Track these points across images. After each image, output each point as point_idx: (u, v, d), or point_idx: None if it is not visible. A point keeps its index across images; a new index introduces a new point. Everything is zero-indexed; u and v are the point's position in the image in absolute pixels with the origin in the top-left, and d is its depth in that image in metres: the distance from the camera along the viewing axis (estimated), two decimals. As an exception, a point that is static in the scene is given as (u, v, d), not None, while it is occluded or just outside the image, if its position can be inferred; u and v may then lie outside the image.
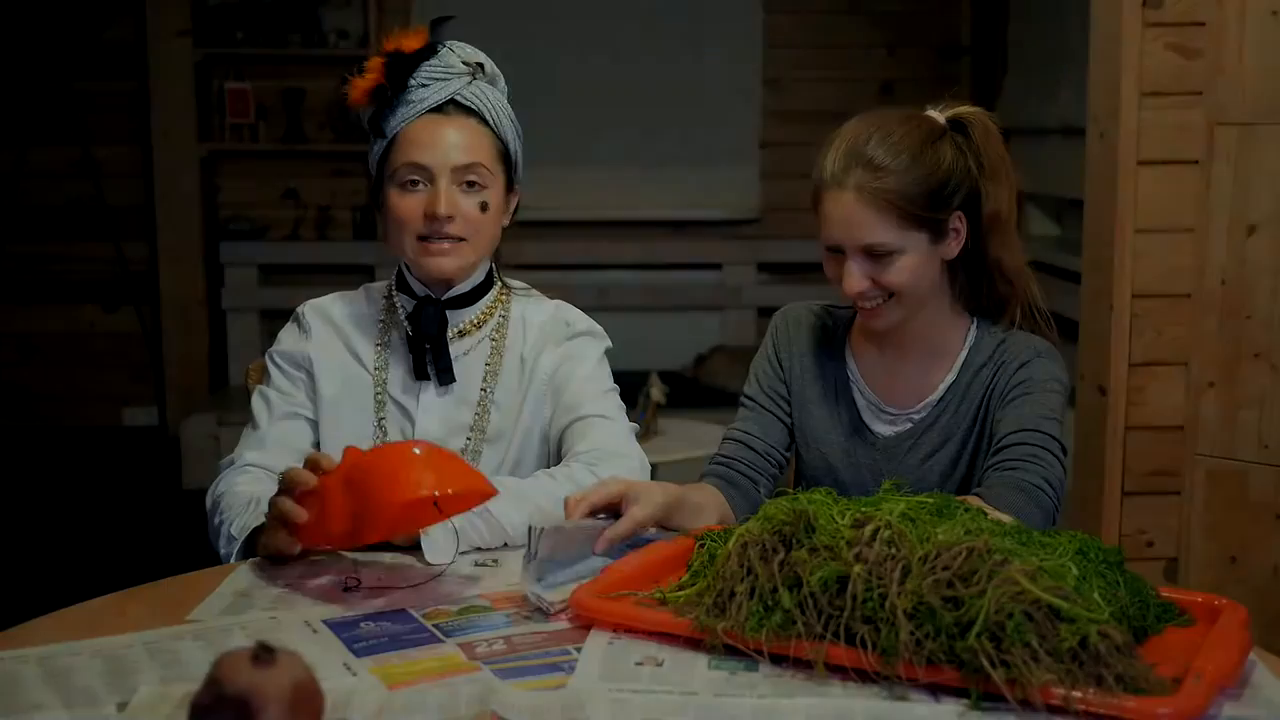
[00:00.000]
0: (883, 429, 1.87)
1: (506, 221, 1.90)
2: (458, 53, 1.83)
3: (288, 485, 1.53)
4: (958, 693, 1.19)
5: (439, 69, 1.80)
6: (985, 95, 5.45)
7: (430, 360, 1.85)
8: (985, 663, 1.16)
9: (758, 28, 5.95)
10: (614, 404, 1.87)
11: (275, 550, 1.57)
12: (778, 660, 1.26)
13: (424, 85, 1.79)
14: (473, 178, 1.78)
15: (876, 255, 1.73)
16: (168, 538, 4.61)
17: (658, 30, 5.94)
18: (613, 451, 1.76)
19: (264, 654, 0.98)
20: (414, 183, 1.78)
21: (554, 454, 1.89)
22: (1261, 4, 2.66)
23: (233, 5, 5.76)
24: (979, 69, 5.83)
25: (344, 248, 5.92)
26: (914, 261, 1.75)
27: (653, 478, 3.31)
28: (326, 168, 5.95)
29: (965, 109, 1.81)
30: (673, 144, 5.97)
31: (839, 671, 1.23)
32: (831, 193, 1.74)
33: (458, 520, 1.61)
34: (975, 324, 1.87)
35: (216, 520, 1.75)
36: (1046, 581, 1.20)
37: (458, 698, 1.20)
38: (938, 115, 1.80)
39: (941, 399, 1.85)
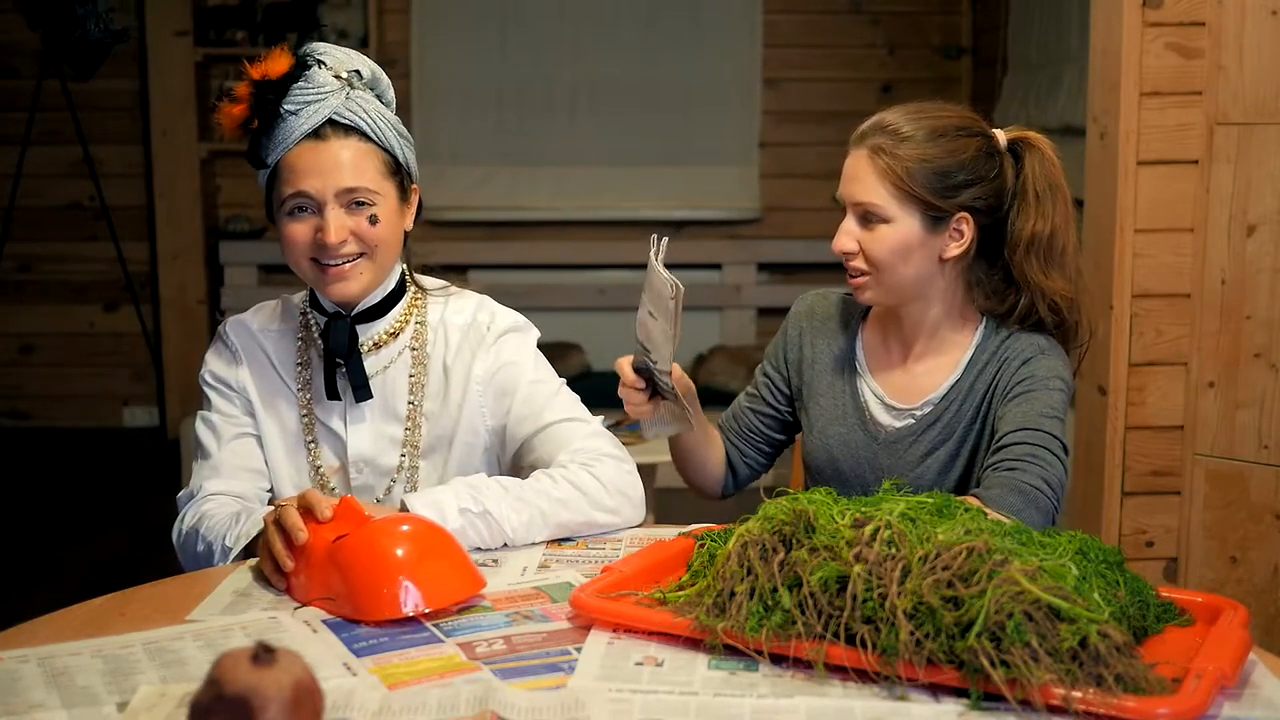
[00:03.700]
0: (887, 423, 1.89)
1: (409, 226, 1.84)
2: (330, 65, 1.75)
3: (281, 524, 1.51)
4: (958, 693, 1.19)
5: (309, 91, 1.71)
6: (985, 95, 5.45)
7: (346, 377, 1.80)
8: (985, 663, 1.16)
9: (757, 28, 5.94)
10: (571, 401, 1.84)
11: (267, 573, 1.54)
12: (778, 660, 1.26)
13: (295, 112, 1.71)
14: (359, 199, 1.73)
15: (868, 219, 1.79)
16: (168, 538, 4.61)
17: (657, 30, 5.94)
18: (604, 452, 1.75)
19: (264, 654, 0.98)
20: (301, 209, 1.73)
21: (508, 462, 1.86)
22: (1261, 4, 2.66)
23: (232, 5, 5.76)
24: (979, 69, 5.83)
25: (344, 248, 5.91)
26: (899, 237, 1.78)
27: (653, 477, 3.32)
28: (326, 168, 5.95)
29: (1031, 134, 1.86)
30: (672, 144, 5.96)
31: (839, 671, 1.23)
32: (851, 150, 1.82)
33: (457, 522, 1.61)
34: (984, 324, 1.88)
35: (200, 547, 1.71)
36: (1046, 581, 1.20)
37: (458, 698, 1.20)
38: (1001, 133, 1.85)
39: (944, 397, 1.86)
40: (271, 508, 1.58)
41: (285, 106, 1.71)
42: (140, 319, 5.83)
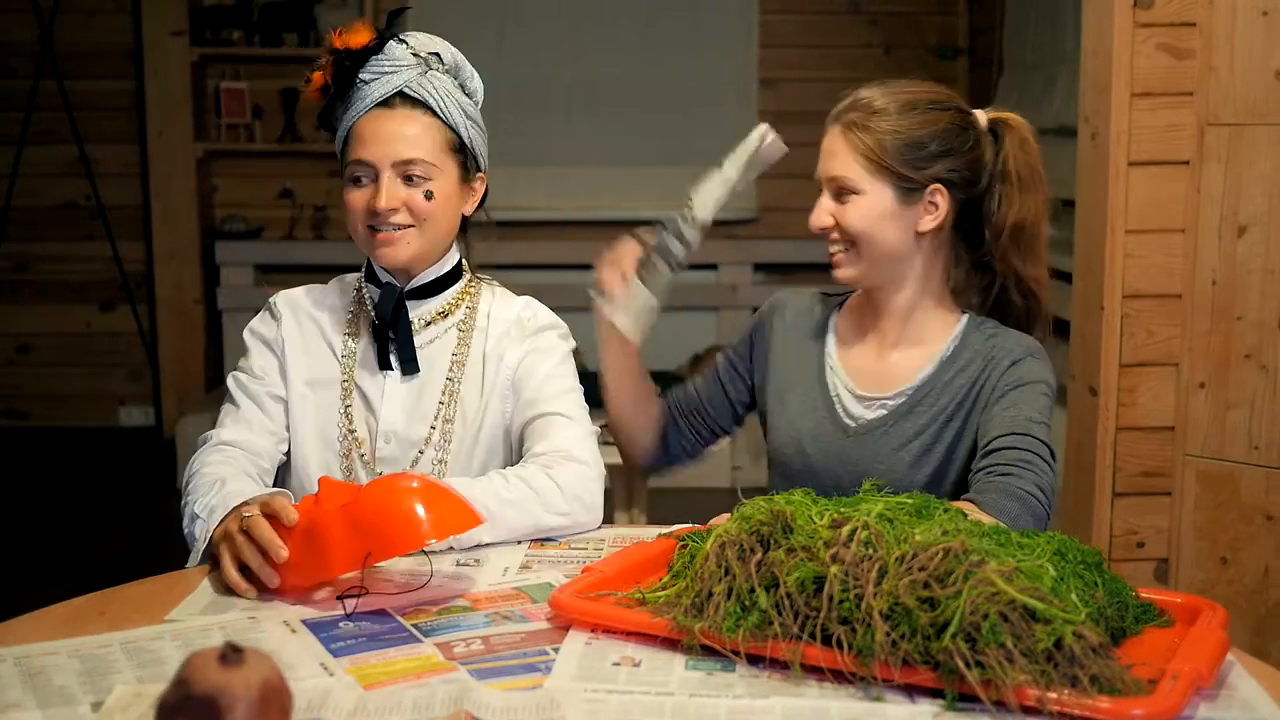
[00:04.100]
0: (857, 413, 1.88)
1: (469, 210, 1.88)
2: (410, 44, 1.82)
3: (268, 514, 1.50)
4: (933, 694, 1.19)
5: (385, 63, 1.79)
6: (980, 96, 5.45)
7: (395, 349, 1.84)
8: (960, 664, 1.16)
9: (754, 28, 5.94)
10: (576, 403, 1.86)
11: (230, 584, 1.51)
12: (754, 661, 1.26)
13: (368, 82, 1.79)
14: (416, 172, 1.77)
15: (841, 192, 1.82)
16: (163, 538, 4.62)
17: (654, 30, 5.94)
18: (570, 455, 1.76)
19: (232, 654, 0.98)
20: (360, 178, 1.79)
21: (515, 450, 1.88)
22: (1252, 4, 2.65)
23: (228, 5, 5.76)
24: (975, 70, 5.83)
25: (340, 247, 5.91)
26: (873, 208, 1.80)
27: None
28: (322, 167, 5.95)
29: (1009, 115, 1.89)
30: (670, 144, 5.96)
31: (815, 672, 1.23)
32: (827, 128, 1.85)
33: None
34: (965, 320, 1.88)
35: (184, 500, 1.72)
36: (1023, 582, 1.20)
37: (433, 698, 1.20)
38: (981, 113, 1.89)
39: (919, 387, 1.85)
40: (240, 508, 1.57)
41: (362, 76, 1.79)
42: (136, 319, 5.84)
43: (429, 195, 1.78)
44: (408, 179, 1.78)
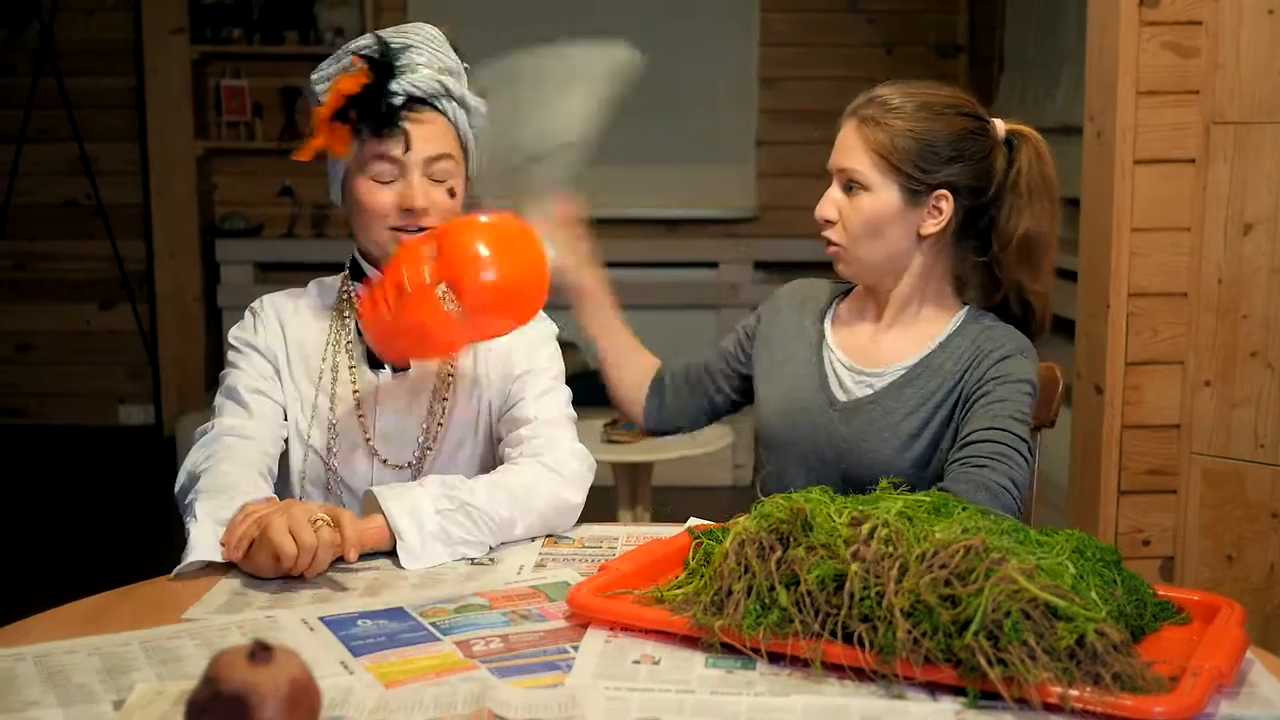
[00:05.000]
0: (849, 387, 1.88)
1: (457, 209, 1.87)
2: (419, 55, 1.86)
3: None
4: (955, 691, 1.19)
5: (408, 75, 1.81)
6: (982, 94, 5.44)
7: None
8: (982, 661, 1.16)
9: (754, 26, 5.95)
10: (564, 402, 1.89)
11: (256, 569, 1.53)
12: (775, 659, 1.26)
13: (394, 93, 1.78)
14: (441, 168, 1.78)
15: (851, 186, 1.83)
16: (164, 536, 4.61)
17: (654, 29, 5.94)
18: (554, 441, 1.81)
19: (261, 651, 0.98)
20: (384, 175, 1.78)
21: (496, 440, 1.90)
22: (1258, 3, 2.66)
23: (228, 3, 5.75)
24: (975, 68, 5.83)
25: (339, 245, 5.91)
26: (877, 207, 1.81)
27: (650, 475, 3.32)
28: (322, 165, 5.92)
29: (1026, 128, 1.89)
30: (669, 142, 5.96)
31: (836, 670, 1.23)
32: (843, 122, 1.87)
33: (434, 524, 1.61)
34: (965, 311, 1.89)
35: (193, 490, 1.68)
36: (1044, 580, 1.20)
37: (454, 695, 1.20)
38: (1000, 123, 1.88)
39: (910, 369, 1.85)
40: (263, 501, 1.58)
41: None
42: (136, 317, 5.83)
43: (452, 193, 1.80)
44: (432, 178, 1.78)
